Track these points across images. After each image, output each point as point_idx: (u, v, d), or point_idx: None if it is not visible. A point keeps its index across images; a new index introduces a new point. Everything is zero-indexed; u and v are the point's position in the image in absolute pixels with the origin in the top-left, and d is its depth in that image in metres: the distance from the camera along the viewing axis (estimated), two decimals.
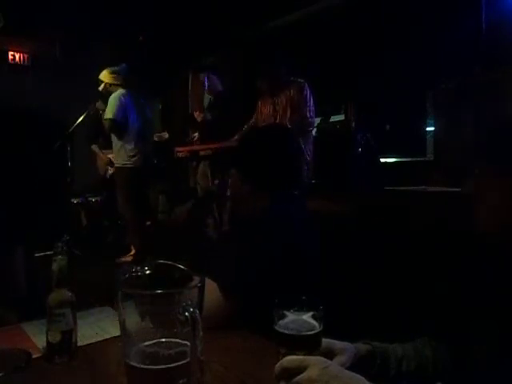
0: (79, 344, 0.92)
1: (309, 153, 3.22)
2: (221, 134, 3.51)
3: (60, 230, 3.62)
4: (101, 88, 4.02)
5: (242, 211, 1.27)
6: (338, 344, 0.79)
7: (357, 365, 0.77)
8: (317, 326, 0.72)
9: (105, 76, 4.01)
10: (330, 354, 0.75)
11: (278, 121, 3.21)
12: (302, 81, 3.19)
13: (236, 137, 3.54)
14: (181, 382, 0.61)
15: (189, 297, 0.63)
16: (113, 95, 3.89)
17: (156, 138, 4.70)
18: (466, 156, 3.42)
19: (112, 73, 4.01)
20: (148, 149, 4.11)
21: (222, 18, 5.14)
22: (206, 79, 4.05)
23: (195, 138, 4.03)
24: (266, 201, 1.21)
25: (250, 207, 1.25)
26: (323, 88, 3.56)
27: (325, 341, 0.75)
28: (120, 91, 3.92)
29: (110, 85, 3.98)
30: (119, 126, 3.89)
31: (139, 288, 0.65)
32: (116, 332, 0.79)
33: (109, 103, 3.86)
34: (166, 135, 4.73)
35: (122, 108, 3.84)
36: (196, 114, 3.90)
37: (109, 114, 3.83)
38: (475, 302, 0.86)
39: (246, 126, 3.51)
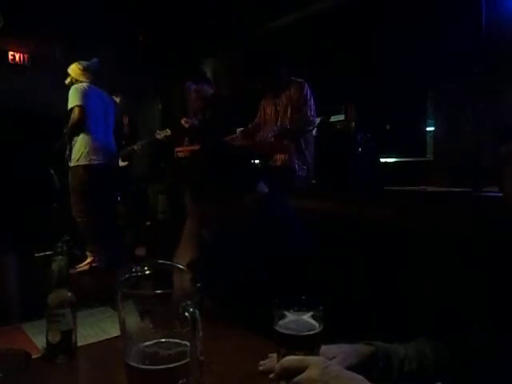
0: (79, 344, 0.92)
1: (309, 153, 3.22)
2: (215, 136, 3.47)
3: (60, 230, 3.63)
4: (67, 81, 3.76)
5: (225, 218, 1.27)
6: (333, 348, 0.79)
7: (360, 366, 0.77)
8: (317, 326, 0.72)
9: (73, 70, 3.77)
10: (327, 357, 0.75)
11: (279, 121, 3.22)
12: (301, 80, 3.20)
13: (238, 132, 3.52)
14: (180, 382, 0.61)
15: (189, 297, 0.63)
16: (75, 86, 3.64)
17: (158, 136, 4.66)
18: (466, 156, 3.43)
19: (81, 68, 3.78)
20: (111, 150, 3.90)
21: (222, 18, 5.14)
22: (190, 85, 3.98)
23: (186, 143, 3.95)
24: (249, 204, 1.23)
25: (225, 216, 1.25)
26: (323, 88, 3.56)
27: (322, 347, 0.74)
28: (83, 84, 3.68)
29: (76, 80, 3.74)
30: (86, 114, 3.60)
31: (139, 288, 0.65)
32: (116, 332, 0.79)
33: (71, 93, 3.60)
34: (167, 132, 4.67)
35: (87, 98, 3.61)
36: (183, 121, 3.84)
37: (73, 102, 3.57)
38: (475, 301, 0.86)
39: (250, 125, 3.52)
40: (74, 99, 3.59)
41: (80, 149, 3.66)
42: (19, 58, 5.73)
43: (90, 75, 3.78)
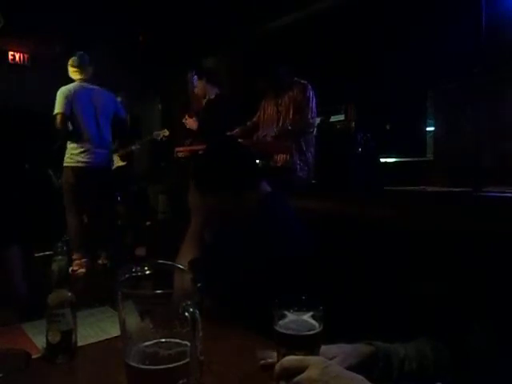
0: (79, 344, 0.92)
1: (310, 154, 3.22)
2: (216, 135, 3.46)
3: (60, 230, 3.62)
4: None
5: (227, 217, 1.27)
6: (333, 348, 0.79)
7: (360, 366, 0.77)
8: (317, 326, 0.72)
9: (69, 70, 3.74)
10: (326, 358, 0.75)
11: (280, 121, 3.21)
12: (305, 82, 3.19)
13: (237, 130, 3.52)
14: (180, 382, 0.61)
15: (189, 297, 0.63)
16: (60, 89, 3.61)
17: (156, 137, 4.66)
18: (466, 156, 3.44)
19: (72, 66, 3.70)
20: (106, 150, 3.80)
21: (222, 18, 5.14)
22: (194, 79, 3.97)
23: (187, 143, 3.95)
24: (250, 202, 1.23)
25: (229, 213, 1.25)
26: (323, 88, 3.56)
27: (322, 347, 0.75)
28: (68, 86, 3.63)
29: (76, 79, 3.70)
30: (69, 120, 3.59)
31: (139, 288, 0.65)
32: (116, 332, 0.79)
33: (56, 97, 3.58)
34: (165, 132, 4.66)
35: (69, 103, 3.56)
36: (185, 120, 3.83)
37: (57, 108, 3.55)
38: (475, 301, 0.86)
39: (248, 123, 3.51)
40: (56, 105, 3.57)
41: (70, 150, 3.65)
42: (19, 57, 5.74)
43: (83, 70, 3.71)
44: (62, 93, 3.59)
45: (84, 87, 3.69)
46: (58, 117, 3.55)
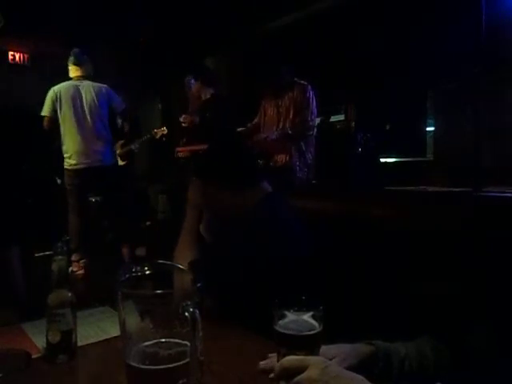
0: (79, 344, 0.92)
1: (310, 155, 3.21)
2: (216, 134, 3.45)
3: (60, 230, 3.62)
4: None
5: (227, 215, 1.27)
6: (333, 348, 0.79)
7: (360, 365, 0.77)
8: (317, 326, 0.72)
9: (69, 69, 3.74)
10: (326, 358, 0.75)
11: (281, 122, 3.20)
12: (305, 83, 3.18)
13: (238, 132, 3.52)
14: (181, 382, 0.61)
15: (189, 297, 0.63)
16: (49, 91, 3.62)
17: (155, 135, 4.66)
18: (466, 156, 3.44)
19: (71, 63, 3.68)
20: (103, 148, 3.69)
21: (222, 18, 5.14)
22: (190, 82, 3.97)
23: (183, 142, 3.94)
24: (248, 200, 1.23)
25: (231, 210, 1.25)
26: (323, 88, 3.56)
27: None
28: (55, 88, 3.60)
29: (73, 78, 3.68)
30: (56, 123, 3.58)
31: (139, 288, 0.65)
32: (116, 332, 0.79)
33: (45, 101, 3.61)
34: (164, 131, 4.66)
35: (53, 105, 3.56)
36: (182, 118, 3.82)
37: (43, 111, 3.59)
38: (475, 301, 0.86)
39: (249, 125, 3.51)
40: (44, 107, 3.59)
41: (64, 153, 3.66)
42: (19, 57, 5.73)
43: (81, 67, 3.68)
44: (48, 95, 3.61)
45: (73, 85, 3.64)
46: (44, 120, 3.60)
